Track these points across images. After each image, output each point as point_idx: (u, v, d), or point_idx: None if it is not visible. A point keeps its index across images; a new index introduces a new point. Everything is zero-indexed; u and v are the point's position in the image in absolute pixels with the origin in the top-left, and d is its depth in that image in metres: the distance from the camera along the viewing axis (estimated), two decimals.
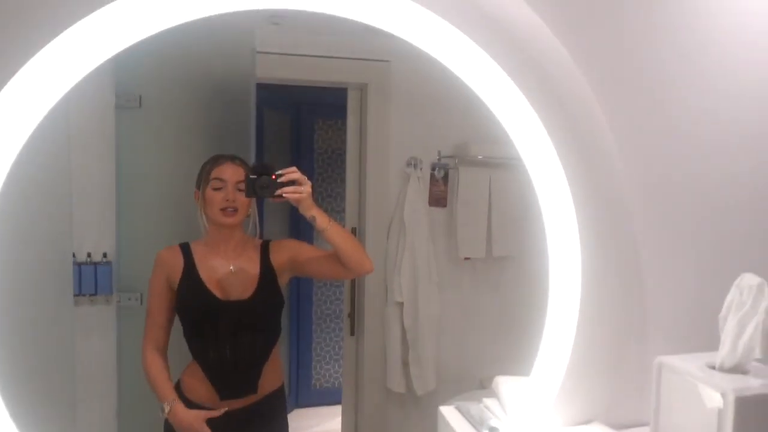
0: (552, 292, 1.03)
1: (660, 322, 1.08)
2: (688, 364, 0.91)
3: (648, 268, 1.07)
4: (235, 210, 1.43)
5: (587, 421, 1.01)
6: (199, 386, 1.43)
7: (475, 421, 1.03)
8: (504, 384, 1.10)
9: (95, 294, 1.99)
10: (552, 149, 1.02)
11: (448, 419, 1.08)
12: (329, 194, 3.33)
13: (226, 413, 1.42)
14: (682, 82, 1.11)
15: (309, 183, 1.36)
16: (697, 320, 1.01)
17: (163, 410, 1.39)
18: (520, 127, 1.05)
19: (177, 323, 1.48)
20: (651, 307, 1.07)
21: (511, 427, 1.01)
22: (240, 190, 1.43)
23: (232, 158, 1.48)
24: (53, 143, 1.92)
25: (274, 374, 1.49)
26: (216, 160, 1.47)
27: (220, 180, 1.43)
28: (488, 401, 1.11)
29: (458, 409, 1.10)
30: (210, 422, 1.41)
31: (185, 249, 1.48)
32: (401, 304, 2.39)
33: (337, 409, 2.75)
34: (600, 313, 0.99)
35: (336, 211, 3.27)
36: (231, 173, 1.44)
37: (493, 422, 1.00)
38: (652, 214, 1.09)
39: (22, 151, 0.96)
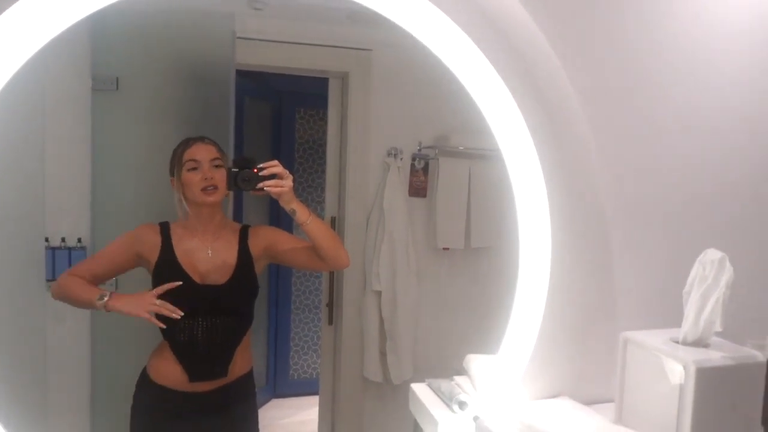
0: (522, 269, 1.04)
1: (628, 300, 1.10)
2: (652, 339, 0.92)
3: (617, 246, 1.09)
4: (215, 187, 1.42)
5: (555, 395, 1.03)
6: (168, 368, 1.42)
7: (445, 397, 1.04)
8: (474, 361, 1.11)
9: None
10: (526, 130, 1.03)
11: (419, 395, 1.08)
12: (309, 184, 3.32)
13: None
14: (656, 67, 1.13)
15: (290, 177, 1.37)
16: (665, 297, 1.03)
17: (103, 306, 1.34)
18: (494, 106, 1.05)
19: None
20: (619, 285, 1.09)
21: (480, 402, 1.02)
22: (216, 167, 1.43)
23: (201, 138, 1.48)
24: (27, 125, 1.89)
25: (244, 359, 1.50)
26: (186, 143, 1.47)
27: (194, 161, 1.43)
28: (459, 378, 1.12)
29: (429, 385, 1.11)
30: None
31: (164, 229, 1.47)
32: (379, 294, 2.40)
33: (314, 399, 2.75)
34: (568, 291, 1.01)
35: (316, 201, 3.27)
36: (204, 152, 1.44)
37: (462, 397, 1.01)
38: (620, 193, 1.11)
39: None
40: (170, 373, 1.42)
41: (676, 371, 0.87)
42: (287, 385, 3.30)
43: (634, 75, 1.11)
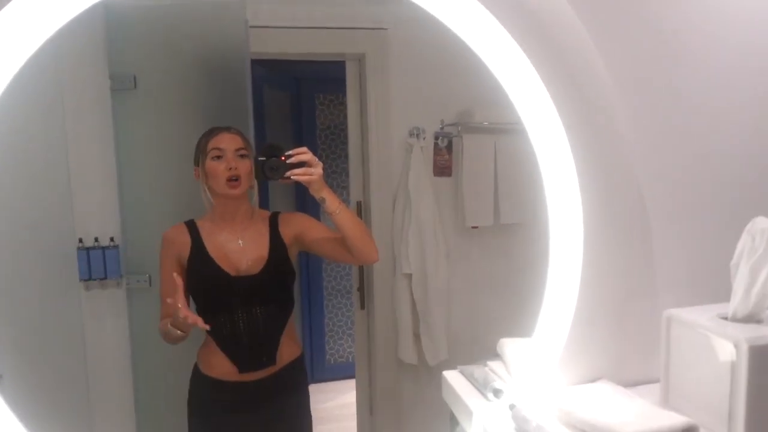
0: (553, 248, 0.99)
1: (668, 275, 1.04)
2: (698, 316, 0.87)
3: (654, 218, 1.03)
4: (238, 178, 1.40)
5: (594, 380, 0.98)
6: (218, 362, 1.42)
7: (479, 384, 1.01)
8: (508, 346, 1.07)
9: (105, 278, 2.00)
10: (550, 101, 0.97)
11: (451, 383, 1.05)
12: (333, 170, 3.30)
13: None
14: (687, 36, 1.05)
15: (320, 164, 1.33)
16: (707, 271, 0.97)
17: (174, 330, 1.35)
18: (517, 81, 1.00)
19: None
20: (658, 259, 1.03)
21: (516, 389, 0.98)
22: (240, 157, 1.40)
23: (227, 128, 1.46)
24: (49, 130, 1.92)
25: (291, 345, 1.49)
26: (211, 132, 1.45)
27: (218, 149, 1.41)
28: (492, 364, 1.09)
29: (462, 372, 1.08)
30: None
31: (191, 226, 1.46)
32: (410, 276, 2.38)
33: (351, 383, 2.76)
34: (604, 268, 0.96)
35: (341, 187, 3.25)
36: (228, 141, 1.42)
37: (497, 384, 0.98)
38: (656, 161, 1.04)
39: (17, 139, 0.94)
40: (220, 365, 1.42)
41: (726, 350, 0.82)
42: (324, 370, 3.33)
43: (669, 35, 1.03)
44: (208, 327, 1.34)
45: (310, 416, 1.57)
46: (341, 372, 3.31)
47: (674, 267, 1.04)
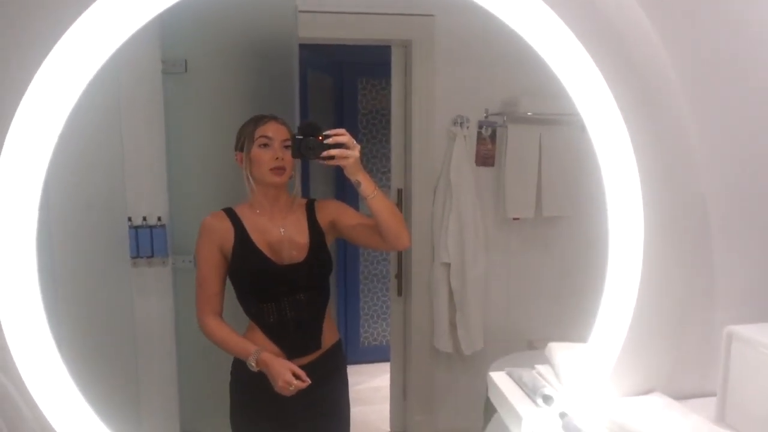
0: (612, 254, 0.97)
1: (729, 288, 1.01)
2: (761, 335, 0.85)
3: (718, 228, 1.00)
4: (284, 169, 1.41)
5: (647, 392, 0.97)
6: (264, 349, 1.43)
7: (528, 389, 1.01)
8: (558, 350, 1.07)
9: (152, 256, 2.06)
10: (612, 100, 0.94)
11: (499, 386, 1.06)
12: (374, 155, 3.30)
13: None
14: (761, 30, 1.00)
15: (357, 146, 1.32)
16: None
17: (251, 364, 1.39)
18: (577, 77, 0.97)
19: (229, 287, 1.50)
20: (720, 271, 1.01)
21: (566, 397, 0.98)
22: (286, 148, 1.41)
23: (274, 117, 1.46)
24: (105, 112, 1.97)
25: (332, 329, 1.52)
26: (259, 119, 1.45)
27: (267, 137, 1.41)
28: (541, 368, 1.09)
29: (510, 375, 1.08)
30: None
31: (231, 214, 1.47)
32: (448, 266, 2.38)
33: (385, 366, 2.81)
34: (664, 277, 0.94)
35: (381, 172, 3.25)
36: (276, 131, 1.42)
37: (547, 390, 0.98)
38: (723, 168, 1.01)
39: (74, 121, 0.97)
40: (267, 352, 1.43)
41: None
42: (358, 352, 3.38)
43: (740, 39, 0.99)
44: (304, 385, 1.38)
45: (349, 399, 1.61)
46: (375, 355, 3.36)
47: (736, 280, 1.02)
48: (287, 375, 1.36)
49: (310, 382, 1.37)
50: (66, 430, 0.89)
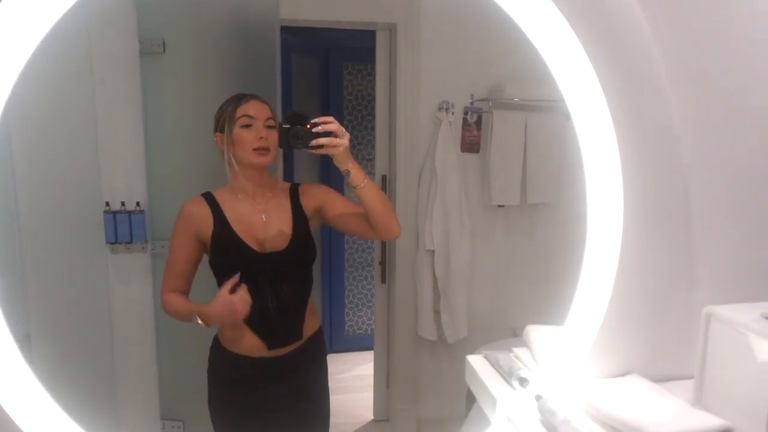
0: (590, 234, 0.95)
1: (709, 269, 1.00)
2: (740, 315, 0.83)
3: (697, 209, 0.98)
4: (268, 149, 1.36)
5: (624, 374, 0.96)
6: (244, 338, 1.40)
7: (504, 372, 0.99)
8: (535, 333, 1.05)
9: (131, 242, 2.02)
10: (595, 78, 0.92)
11: (475, 369, 1.04)
12: (359, 142, 3.27)
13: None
14: (746, 23, 0.98)
15: (347, 134, 1.27)
16: (752, 267, 0.93)
17: (198, 321, 1.33)
18: (562, 58, 0.94)
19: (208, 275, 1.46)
20: (699, 253, 0.99)
21: (542, 379, 0.96)
22: (269, 127, 1.36)
23: (255, 96, 1.41)
24: (78, 92, 1.91)
25: (313, 317, 1.48)
26: (240, 98, 1.40)
27: (249, 117, 1.36)
28: (518, 350, 1.07)
29: (486, 358, 1.06)
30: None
31: (210, 200, 1.42)
32: (432, 253, 2.36)
33: (368, 355, 2.79)
34: (643, 258, 0.92)
35: (366, 159, 3.22)
36: (258, 110, 1.37)
37: (523, 373, 0.96)
38: (703, 149, 0.99)
39: (46, 102, 0.93)
40: (247, 342, 1.40)
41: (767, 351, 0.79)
42: (342, 340, 3.36)
43: (722, 16, 0.97)
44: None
45: (328, 387, 1.58)
46: (359, 343, 3.34)
47: (716, 261, 1.00)
48: (228, 301, 1.29)
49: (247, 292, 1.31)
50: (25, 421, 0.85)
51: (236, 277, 1.31)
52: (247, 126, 1.36)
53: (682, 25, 0.97)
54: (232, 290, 1.30)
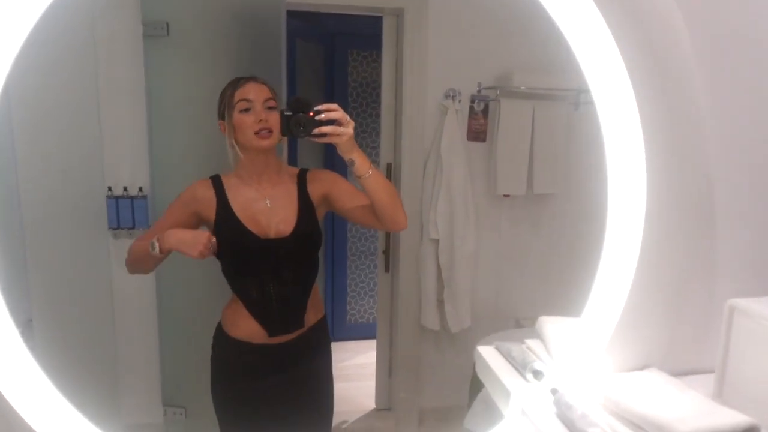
0: (610, 225, 0.93)
1: (732, 261, 0.97)
2: (765, 308, 0.81)
3: (721, 199, 0.96)
4: (270, 131, 1.32)
5: (643, 367, 0.94)
6: (246, 324, 1.39)
7: (518, 363, 0.97)
8: (549, 324, 1.03)
9: (133, 228, 2.00)
10: (623, 67, 0.89)
11: (487, 360, 1.02)
12: (364, 129, 3.23)
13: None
14: None
15: (351, 123, 1.24)
16: None
17: (154, 247, 1.28)
18: (590, 46, 0.91)
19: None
20: (722, 244, 0.97)
21: (557, 372, 0.94)
22: (269, 108, 1.33)
23: (253, 77, 1.37)
24: (81, 76, 1.88)
25: (316, 306, 1.46)
26: (236, 82, 1.36)
27: (247, 101, 1.32)
28: (531, 342, 1.05)
29: (498, 349, 1.04)
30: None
31: (217, 183, 1.40)
32: (436, 242, 2.34)
33: (371, 343, 2.78)
34: (665, 248, 0.90)
35: (371, 147, 3.18)
36: (256, 92, 1.33)
37: (537, 365, 0.94)
38: (730, 140, 0.96)
39: (48, 87, 0.90)
40: (248, 328, 1.39)
41: None
42: (345, 329, 3.35)
43: (760, 15, 0.94)
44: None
45: (332, 378, 1.57)
46: (361, 332, 3.33)
47: (739, 253, 0.98)
48: (203, 238, 1.26)
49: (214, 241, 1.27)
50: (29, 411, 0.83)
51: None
52: (246, 110, 1.33)
53: (711, 17, 0.94)
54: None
